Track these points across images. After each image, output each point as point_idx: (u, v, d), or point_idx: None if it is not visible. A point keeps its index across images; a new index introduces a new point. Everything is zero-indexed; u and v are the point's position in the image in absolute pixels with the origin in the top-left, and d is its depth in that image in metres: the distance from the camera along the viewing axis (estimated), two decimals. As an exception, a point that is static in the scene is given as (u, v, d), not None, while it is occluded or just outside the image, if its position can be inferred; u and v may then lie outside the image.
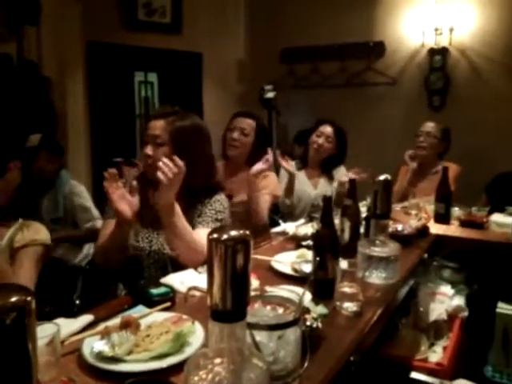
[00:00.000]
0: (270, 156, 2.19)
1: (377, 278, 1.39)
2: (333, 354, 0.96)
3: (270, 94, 3.81)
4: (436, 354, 1.61)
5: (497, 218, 2.24)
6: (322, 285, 1.26)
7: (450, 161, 3.07)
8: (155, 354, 0.86)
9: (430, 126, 2.97)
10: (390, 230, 1.92)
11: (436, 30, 3.34)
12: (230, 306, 0.64)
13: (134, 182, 1.50)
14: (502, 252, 1.98)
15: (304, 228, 1.99)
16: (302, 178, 2.85)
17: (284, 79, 4.00)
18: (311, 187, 2.80)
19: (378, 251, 1.39)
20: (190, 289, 1.13)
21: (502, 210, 2.40)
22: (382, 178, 1.44)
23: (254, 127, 2.31)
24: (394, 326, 1.61)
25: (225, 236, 0.64)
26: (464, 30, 3.32)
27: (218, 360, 0.67)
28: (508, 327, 1.82)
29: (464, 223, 2.23)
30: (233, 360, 0.67)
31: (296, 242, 1.80)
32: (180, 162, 1.40)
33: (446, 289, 1.94)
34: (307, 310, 1.04)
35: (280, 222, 2.62)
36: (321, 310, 1.05)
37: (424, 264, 1.85)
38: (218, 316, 0.64)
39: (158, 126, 1.58)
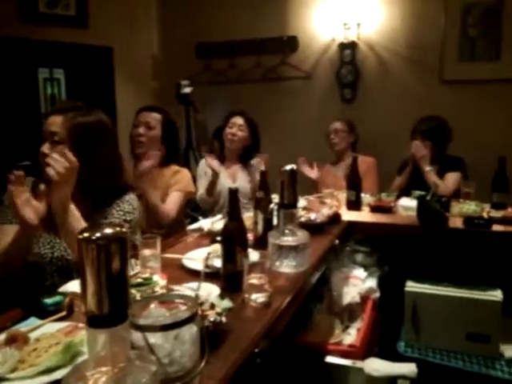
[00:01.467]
0: (156, 152, 2.15)
1: (287, 266, 1.41)
2: (237, 348, 0.95)
3: (187, 90, 3.75)
4: (350, 336, 1.68)
5: (403, 202, 2.38)
6: (230, 278, 1.25)
7: (364, 151, 3.22)
8: (42, 369, 0.79)
9: (336, 124, 3.17)
10: (304, 219, 1.97)
11: (345, 24, 3.46)
12: (107, 311, 0.60)
13: (42, 186, 1.39)
14: (408, 234, 2.10)
15: (220, 223, 1.96)
16: (221, 172, 2.84)
17: (201, 75, 3.96)
18: (230, 181, 2.79)
19: (287, 241, 1.41)
20: (68, 295, 1.07)
21: (408, 194, 2.56)
22: (288, 168, 1.46)
23: (160, 120, 2.26)
24: (309, 312, 1.65)
25: (97, 235, 0.59)
26: (371, 26, 3.48)
27: (102, 368, 0.63)
28: (416, 304, 1.94)
29: (374, 209, 2.33)
30: (117, 366, 0.63)
31: (211, 237, 1.78)
32: (72, 157, 1.32)
33: (359, 272, 2.02)
34: (212, 306, 1.02)
35: (200, 218, 2.59)
36: (226, 304, 1.03)
37: (336, 250, 1.91)
38: (94, 322, 0.60)
39: (55, 122, 1.48)
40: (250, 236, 1.77)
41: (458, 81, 3.31)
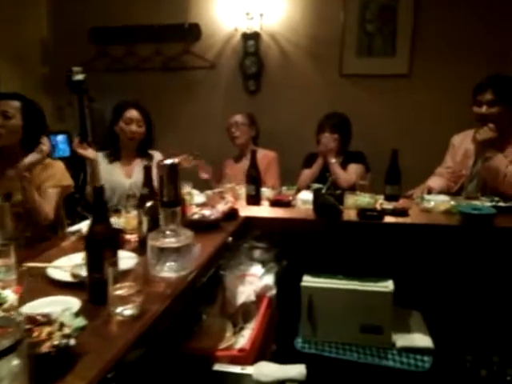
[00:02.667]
0: (44, 145, 1.93)
1: (169, 270, 1.28)
2: (86, 376, 0.80)
3: (79, 77, 3.42)
4: (244, 339, 1.59)
5: (302, 195, 2.35)
6: (96, 289, 1.09)
7: (268, 145, 3.17)
8: None
9: (237, 116, 3.09)
10: (197, 216, 1.85)
11: (247, 14, 3.38)
12: None
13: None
14: (306, 227, 2.06)
15: (104, 223, 1.78)
16: (115, 169, 2.63)
17: (96, 61, 3.66)
18: (125, 177, 2.60)
19: (168, 242, 1.28)
20: None
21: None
22: (168, 162, 1.32)
23: (19, 108, 2.00)
24: (198, 316, 1.54)
25: None
26: (273, 17, 3.43)
27: None
28: (312, 298, 1.90)
29: (273, 203, 2.28)
30: None
31: (90, 240, 1.59)
32: None
33: (257, 269, 1.94)
34: (61, 326, 0.86)
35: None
36: (78, 322, 0.88)
37: (231, 247, 1.82)
38: None
39: None
40: (135, 238, 1.62)
41: (356, 75, 3.38)
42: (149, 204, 1.40)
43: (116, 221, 1.79)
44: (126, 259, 1.18)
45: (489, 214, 1.87)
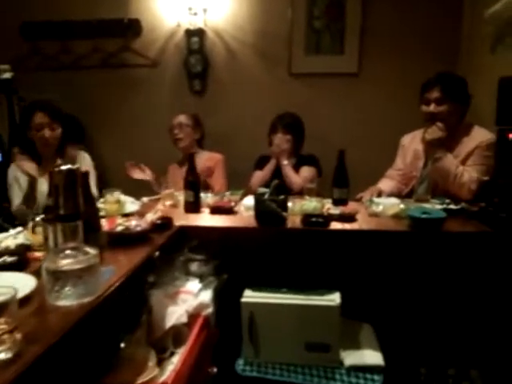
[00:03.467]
0: None
1: (67, 297, 1.07)
2: None
3: (7, 75, 3.15)
4: (173, 366, 1.39)
5: (246, 201, 2.18)
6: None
7: (215, 148, 2.99)
8: None
9: (180, 117, 2.90)
10: (120, 228, 1.64)
11: (190, 9, 3.19)
12: None
13: None
14: (248, 236, 1.89)
15: (11, 239, 1.55)
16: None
17: (27, 59, 3.36)
18: (46, 185, 2.34)
19: (65, 264, 1.06)
20: None
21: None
22: (63, 168, 1.11)
23: None
24: (116, 346, 1.33)
25: None
26: (218, 12, 3.25)
27: None
28: (253, 316, 1.73)
29: (213, 210, 2.09)
30: None
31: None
32: None
33: (193, 285, 1.75)
34: None
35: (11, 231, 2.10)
36: None
37: (163, 262, 1.62)
38: None
39: None
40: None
41: (305, 74, 3.26)
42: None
43: (25, 236, 1.56)
44: (22, 284, 0.96)
45: (438, 218, 1.76)
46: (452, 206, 2.06)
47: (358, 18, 3.11)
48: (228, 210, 2.07)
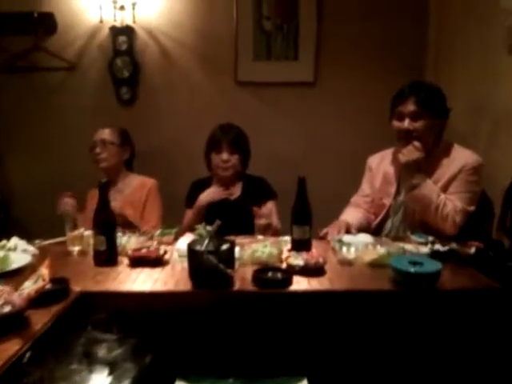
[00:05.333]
0: None
1: None
2: None
3: None
4: None
5: (179, 244, 1.68)
6: None
7: (145, 170, 2.44)
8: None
9: (104, 132, 2.33)
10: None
11: (115, 2, 2.65)
12: None
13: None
14: (179, 303, 1.37)
15: None
16: None
17: None
18: None
19: None
20: None
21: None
22: None
23: None
24: None
25: None
26: (150, 7, 2.74)
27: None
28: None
29: (135, 261, 1.56)
30: None
31: None
32: None
33: (98, 378, 1.21)
34: None
35: None
36: None
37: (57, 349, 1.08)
38: None
39: None
40: None
41: (253, 83, 2.80)
42: None
43: None
44: None
45: (434, 273, 1.34)
46: (439, 247, 1.65)
47: (313, 19, 2.70)
48: (154, 262, 1.54)
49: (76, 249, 1.75)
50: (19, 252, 1.70)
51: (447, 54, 2.56)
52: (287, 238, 1.78)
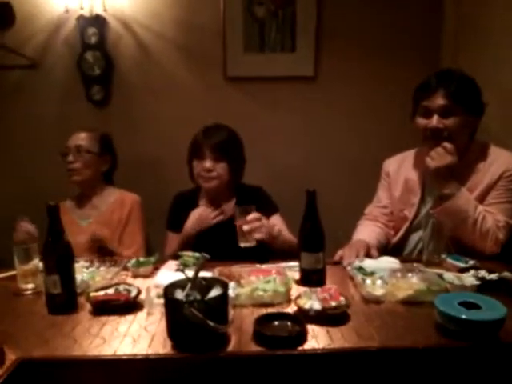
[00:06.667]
0: None
1: None
2: None
3: None
4: None
5: (162, 277, 1.32)
6: None
7: (122, 182, 2.08)
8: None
9: (79, 137, 1.94)
10: None
11: (82, -12, 2.28)
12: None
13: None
14: (157, 373, 1.01)
15: None
16: None
17: None
18: None
19: None
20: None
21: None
22: None
23: None
24: None
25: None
26: (123, -7, 2.37)
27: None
28: None
29: (98, 307, 1.19)
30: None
31: None
32: None
33: None
34: None
35: None
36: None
37: None
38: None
39: None
40: None
41: (244, 78, 2.44)
42: None
43: None
44: None
45: (498, 320, 0.99)
46: (485, 274, 1.31)
47: (313, 3, 2.35)
48: (123, 307, 1.18)
49: (29, 287, 1.39)
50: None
51: (468, 42, 2.23)
52: (293, 265, 1.43)
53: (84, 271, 1.45)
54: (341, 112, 2.46)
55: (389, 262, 1.46)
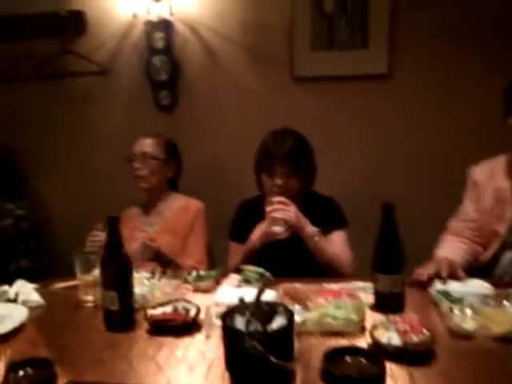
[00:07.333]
0: None
1: None
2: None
3: None
4: None
5: (223, 295, 1.23)
6: None
7: (187, 189, 2.04)
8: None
9: (145, 143, 1.92)
10: None
11: (149, -7, 2.28)
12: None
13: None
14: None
15: None
16: None
17: None
18: None
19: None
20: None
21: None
22: None
23: None
24: None
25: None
26: (190, -3, 2.34)
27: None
28: None
29: (155, 326, 1.12)
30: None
31: None
32: None
33: None
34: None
35: None
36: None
37: None
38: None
39: None
40: None
41: (313, 78, 2.30)
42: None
43: None
44: None
45: None
46: None
47: (388, -4, 2.17)
48: (181, 329, 1.10)
49: (89, 298, 1.37)
50: (19, 304, 1.34)
51: None
52: (366, 285, 1.28)
53: (145, 282, 1.41)
54: (418, 113, 2.24)
55: (479, 286, 1.27)
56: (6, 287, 1.44)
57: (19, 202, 2.35)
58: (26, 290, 1.42)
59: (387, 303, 1.16)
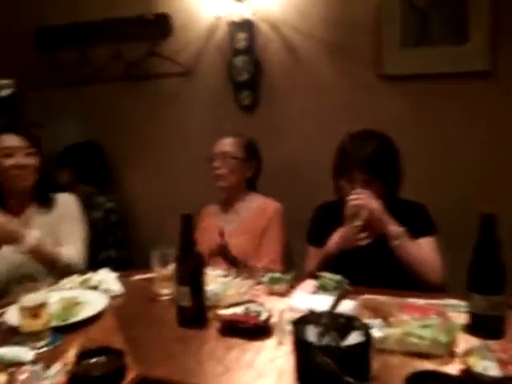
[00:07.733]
0: None
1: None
2: None
3: (6, 92, 2.51)
4: None
5: (298, 300, 1.17)
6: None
7: (265, 189, 2.02)
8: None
9: (225, 143, 1.95)
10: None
11: (232, -7, 2.28)
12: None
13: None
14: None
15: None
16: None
17: (42, 72, 2.67)
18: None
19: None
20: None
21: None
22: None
23: None
24: None
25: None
26: (272, -3, 2.30)
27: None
28: None
29: (226, 326, 1.09)
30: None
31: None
32: None
33: None
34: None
35: None
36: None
37: None
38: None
39: None
40: None
41: (403, 76, 2.16)
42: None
43: None
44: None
45: None
46: None
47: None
48: (252, 332, 1.06)
49: (165, 292, 1.38)
50: (101, 291, 1.39)
51: None
52: (458, 304, 1.14)
53: (218, 280, 1.39)
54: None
55: None
56: (89, 274, 1.50)
57: (109, 194, 2.49)
58: (109, 279, 1.47)
59: (483, 327, 1.02)
